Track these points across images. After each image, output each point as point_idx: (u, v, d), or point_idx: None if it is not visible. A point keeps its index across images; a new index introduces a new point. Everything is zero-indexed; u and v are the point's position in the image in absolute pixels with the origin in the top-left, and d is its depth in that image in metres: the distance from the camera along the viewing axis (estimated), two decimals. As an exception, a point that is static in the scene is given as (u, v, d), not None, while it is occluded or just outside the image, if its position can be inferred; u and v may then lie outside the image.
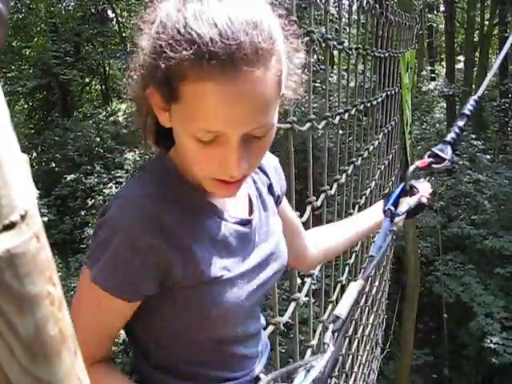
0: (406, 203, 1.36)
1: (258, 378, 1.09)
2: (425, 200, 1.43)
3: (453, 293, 9.24)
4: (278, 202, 1.19)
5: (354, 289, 1.16)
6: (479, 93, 1.58)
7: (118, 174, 10.53)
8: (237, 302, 0.97)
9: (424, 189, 1.43)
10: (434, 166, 1.44)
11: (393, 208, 1.35)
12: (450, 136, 1.49)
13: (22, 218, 0.32)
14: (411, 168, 1.43)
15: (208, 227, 0.96)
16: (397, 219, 1.33)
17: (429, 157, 1.45)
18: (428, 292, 10.11)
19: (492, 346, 8.28)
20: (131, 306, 0.93)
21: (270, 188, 1.15)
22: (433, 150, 1.47)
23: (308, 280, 2.04)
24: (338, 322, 1.08)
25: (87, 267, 0.91)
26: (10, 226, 0.31)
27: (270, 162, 1.16)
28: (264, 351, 1.18)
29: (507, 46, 1.63)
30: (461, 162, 11.13)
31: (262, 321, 1.20)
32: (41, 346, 0.31)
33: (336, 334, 1.06)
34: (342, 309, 1.10)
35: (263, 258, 1.05)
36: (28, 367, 0.31)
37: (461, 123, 1.53)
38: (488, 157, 11.65)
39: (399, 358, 8.87)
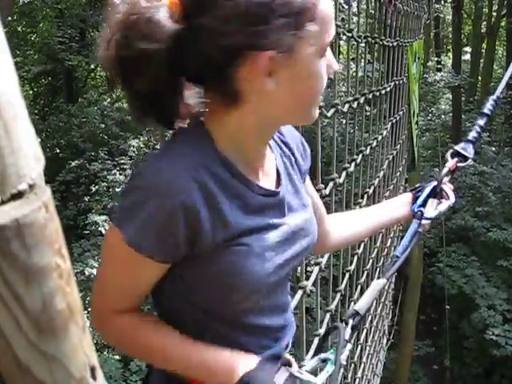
0: (435, 207, 1.39)
1: (279, 357, 1.07)
2: (450, 205, 1.44)
3: (455, 284, 9.24)
4: (302, 178, 1.20)
5: (376, 287, 1.19)
6: (497, 92, 1.61)
7: (122, 161, 10.51)
8: (264, 273, 0.97)
9: (451, 194, 1.45)
10: (458, 164, 1.48)
11: (423, 209, 1.38)
12: (472, 135, 1.52)
13: (31, 187, 0.30)
14: (444, 171, 1.46)
15: (239, 197, 0.97)
16: (424, 221, 1.36)
17: (452, 156, 1.49)
18: (430, 283, 10.10)
19: (494, 337, 8.29)
20: (162, 268, 0.95)
21: (296, 163, 1.15)
22: (455, 148, 1.51)
23: (315, 268, 2.03)
24: (356, 318, 1.11)
25: (117, 227, 0.90)
26: (18, 195, 0.30)
27: (295, 137, 1.18)
28: (290, 327, 1.18)
29: None
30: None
31: (290, 299, 1.21)
32: (48, 321, 0.30)
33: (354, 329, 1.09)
34: (363, 305, 1.13)
35: (292, 232, 1.05)
36: (35, 341, 0.30)
37: (481, 122, 1.55)
38: (493, 149, 11.61)
39: (400, 349, 8.89)
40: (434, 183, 1.44)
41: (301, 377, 1.01)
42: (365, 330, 3.43)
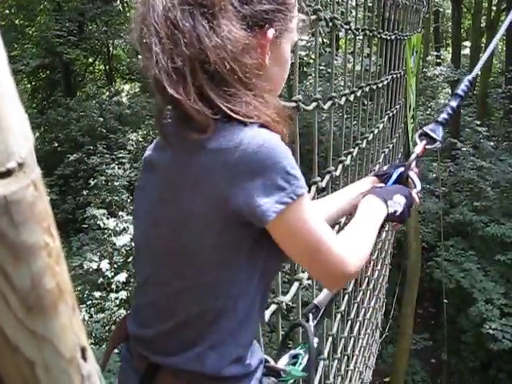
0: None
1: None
2: (417, 199, 1.38)
3: (453, 279, 9.25)
4: None
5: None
6: (473, 73, 1.59)
7: (120, 155, 10.51)
8: None
9: (417, 181, 1.41)
10: (427, 146, 1.44)
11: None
12: (442, 116, 1.48)
13: (20, 165, 0.30)
14: (413, 157, 1.42)
15: None
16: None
17: (420, 136, 1.45)
18: (428, 277, 10.12)
19: (491, 331, 8.31)
20: None
21: None
22: (424, 129, 1.46)
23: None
24: (317, 312, 1.15)
25: (302, 189, 0.91)
26: (7, 173, 0.30)
27: None
28: None
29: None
30: (464, 149, 11.08)
31: None
32: (37, 299, 0.30)
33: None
34: (322, 299, 1.18)
35: None
36: (24, 320, 0.30)
37: (453, 103, 1.51)
38: (492, 143, 11.59)
39: (398, 343, 8.91)
40: (401, 169, 1.40)
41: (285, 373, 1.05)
42: (358, 323, 3.44)
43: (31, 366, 0.32)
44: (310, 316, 1.13)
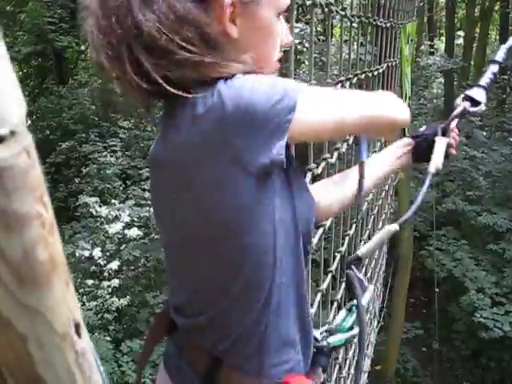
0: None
1: None
2: (453, 150, 1.40)
3: (445, 268, 9.29)
4: None
5: (384, 233, 1.16)
6: (509, 43, 1.52)
7: (112, 143, 10.46)
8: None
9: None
10: (470, 109, 1.39)
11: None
12: (485, 81, 1.43)
13: (12, 133, 0.29)
14: (458, 111, 1.38)
15: None
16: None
17: (463, 100, 1.40)
18: (420, 266, 10.16)
19: (482, 320, 8.36)
20: None
21: None
22: (467, 93, 1.41)
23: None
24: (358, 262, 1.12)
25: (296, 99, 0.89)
26: (-2, 140, 0.29)
27: None
28: None
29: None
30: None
31: None
32: (29, 271, 0.29)
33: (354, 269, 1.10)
34: (366, 250, 1.14)
35: None
36: (15, 293, 0.29)
37: (494, 69, 1.46)
38: (484, 133, 11.62)
39: (389, 331, 8.96)
40: (441, 125, 1.39)
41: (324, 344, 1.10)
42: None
43: (23, 341, 0.31)
44: (353, 268, 1.11)
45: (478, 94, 1.39)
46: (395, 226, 1.15)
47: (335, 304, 2.74)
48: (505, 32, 15.30)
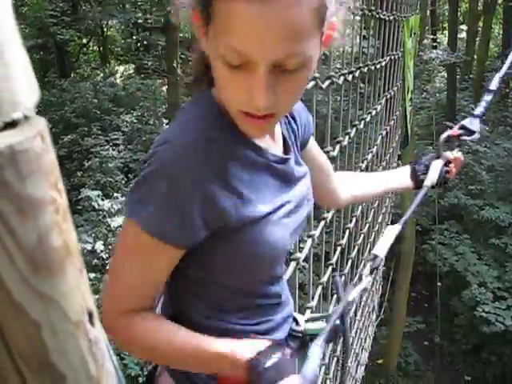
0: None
1: (294, 319, 1.14)
2: (453, 171, 1.57)
3: (447, 262, 9.30)
4: (303, 146, 1.20)
5: (391, 232, 1.19)
6: (502, 71, 1.74)
7: (114, 136, 10.46)
8: (284, 240, 0.97)
9: (457, 161, 1.58)
10: (464, 137, 1.57)
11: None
12: (479, 110, 1.60)
13: (26, 117, 0.29)
14: (443, 136, 1.56)
15: (252, 166, 0.94)
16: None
17: (459, 129, 1.58)
18: (422, 260, 10.17)
19: (484, 314, 8.37)
20: (180, 252, 0.92)
21: (298, 131, 1.15)
22: (462, 123, 1.59)
23: (308, 241, 2.02)
24: (376, 260, 1.11)
25: (131, 216, 0.88)
26: (12, 124, 0.28)
27: (296, 105, 1.13)
28: (287, 297, 1.19)
29: None
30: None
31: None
32: (43, 257, 0.29)
33: (372, 272, 1.09)
34: (381, 249, 1.14)
35: (300, 198, 1.05)
36: (29, 278, 0.29)
37: (488, 98, 1.65)
38: (487, 127, 11.59)
39: (391, 325, 8.98)
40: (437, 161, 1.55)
41: (299, 328, 1.11)
42: (354, 305, 3.44)
43: (37, 328, 0.30)
44: (369, 264, 1.11)
45: (473, 124, 1.58)
46: (398, 227, 1.21)
47: (335, 297, 2.75)
48: (508, 26, 15.24)
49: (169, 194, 0.85)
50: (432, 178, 1.45)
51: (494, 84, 1.66)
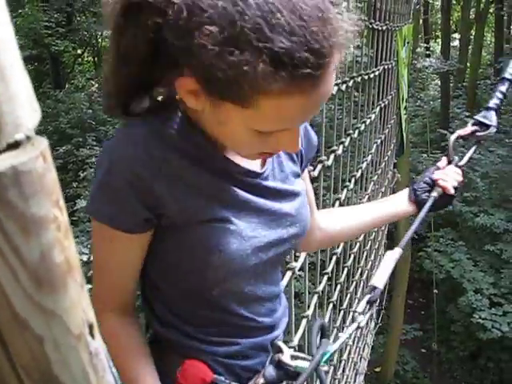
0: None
1: (276, 346, 1.06)
2: (451, 190, 1.36)
3: (443, 269, 9.30)
4: (303, 166, 1.15)
5: (391, 258, 1.11)
6: None
7: (110, 147, 10.45)
8: (242, 253, 0.95)
9: (450, 177, 1.38)
10: (478, 134, 1.40)
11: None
12: (493, 102, 1.42)
13: (28, 138, 0.30)
14: (453, 137, 1.38)
15: (210, 173, 0.94)
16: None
17: (473, 125, 1.41)
18: (419, 268, 10.17)
19: (480, 321, 8.37)
20: (135, 240, 0.94)
21: (296, 153, 1.10)
22: (476, 117, 1.41)
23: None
24: (376, 292, 1.06)
25: (87, 212, 0.92)
26: (15, 145, 0.29)
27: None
28: (278, 324, 1.14)
29: None
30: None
31: (278, 291, 1.16)
32: (46, 273, 0.30)
33: (371, 304, 1.05)
34: (380, 280, 1.07)
35: (275, 216, 1.01)
36: (32, 295, 0.30)
37: (503, 88, 1.43)
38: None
39: (389, 333, 8.97)
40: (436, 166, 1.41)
41: (292, 364, 1.00)
42: (351, 314, 3.45)
43: (40, 342, 0.31)
44: (367, 296, 1.06)
45: (487, 118, 1.39)
46: (399, 250, 1.14)
47: (331, 305, 2.75)
48: (500, 34, 15.35)
49: (103, 180, 0.88)
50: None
51: (509, 72, 1.40)
